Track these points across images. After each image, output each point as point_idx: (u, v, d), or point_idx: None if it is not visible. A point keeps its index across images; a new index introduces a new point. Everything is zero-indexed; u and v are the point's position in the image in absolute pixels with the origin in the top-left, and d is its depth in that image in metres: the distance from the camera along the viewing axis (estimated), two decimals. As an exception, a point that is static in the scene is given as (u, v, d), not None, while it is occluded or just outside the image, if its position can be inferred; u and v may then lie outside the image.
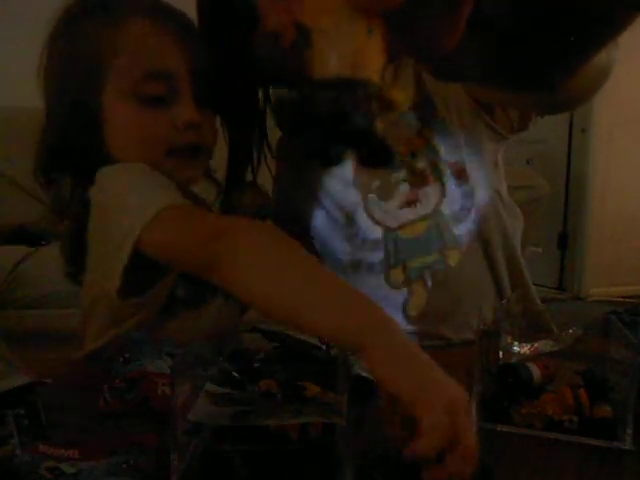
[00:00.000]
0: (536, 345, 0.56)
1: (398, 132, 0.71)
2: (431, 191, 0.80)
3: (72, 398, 0.56)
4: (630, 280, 3.01)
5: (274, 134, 0.86)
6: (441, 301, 0.80)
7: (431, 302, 0.80)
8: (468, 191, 0.80)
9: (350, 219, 0.84)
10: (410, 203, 0.81)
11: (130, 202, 0.62)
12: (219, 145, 0.79)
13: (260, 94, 0.79)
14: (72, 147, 0.69)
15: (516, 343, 0.56)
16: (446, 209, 0.80)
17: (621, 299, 2.88)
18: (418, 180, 0.80)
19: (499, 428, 0.49)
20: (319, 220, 0.88)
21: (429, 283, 0.80)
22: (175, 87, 0.67)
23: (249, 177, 0.84)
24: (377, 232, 0.82)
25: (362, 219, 0.83)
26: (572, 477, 0.42)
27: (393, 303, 0.81)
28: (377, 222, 0.82)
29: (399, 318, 0.81)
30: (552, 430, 0.48)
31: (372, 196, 0.82)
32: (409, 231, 0.81)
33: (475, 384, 0.52)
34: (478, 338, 0.54)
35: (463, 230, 0.80)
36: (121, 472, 0.39)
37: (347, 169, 0.83)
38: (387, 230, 0.82)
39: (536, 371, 0.51)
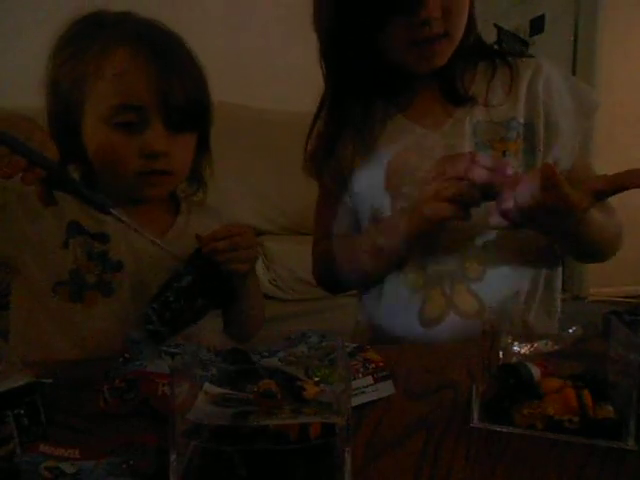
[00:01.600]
0: (536, 345, 0.56)
1: (497, 130, 0.81)
2: None
3: (72, 398, 0.56)
4: (630, 280, 3.01)
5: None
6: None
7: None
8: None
9: (376, 216, 0.87)
10: None
11: None
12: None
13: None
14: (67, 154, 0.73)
15: (516, 343, 0.56)
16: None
17: (621, 299, 2.88)
18: None
19: (500, 429, 0.49)
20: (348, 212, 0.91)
21: (447, 291, 0.81)
22: (146, 117, 0.71)
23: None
24: None
25: None
26: (573, 477, 0.42)
27: (411, 305, 0.83)
28: None
29: (414, 321, 0.83)
30: (553, 430, 0.47)
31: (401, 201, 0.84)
32: None
33: (476, 384, 0.52)
34: (479, 338, 0.54)
35: (482, 241, 0.81)
36: (121, 472, 0.39)
37: (379, 173, 0.85)
38: None
39: (536, 371, 0.51)
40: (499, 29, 3.20)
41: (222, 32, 2.41)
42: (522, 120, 0.82)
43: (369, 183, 0.87)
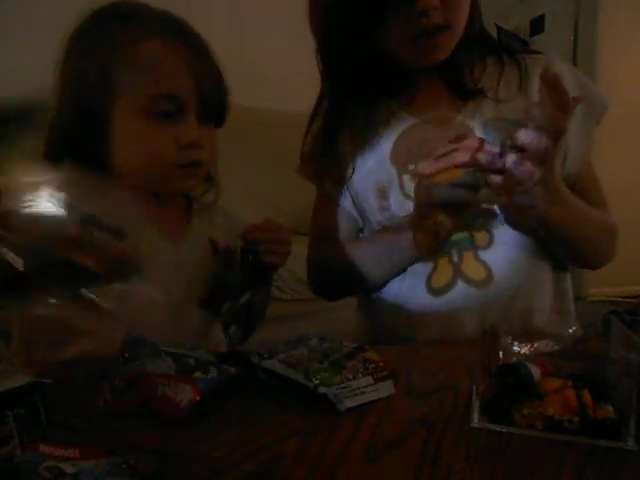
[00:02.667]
0: (536, 345, 0.56)
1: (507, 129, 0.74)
2: None
3: (72, 398, 0.56)
4: (630, 280, 3.01)
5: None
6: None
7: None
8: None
9: (383, 193, 0.86)
10: None
11: None
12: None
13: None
14: (77, 150, 0.71)
15: (516, 343, 0.56)
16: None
17: (621, 299, 2.88)
18: None
19: (500, 429, 0.49)
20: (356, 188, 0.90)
21: (455, 259, 0.82)
22: (182, 107, 0.71)
23: None
24: (408, 208, 0.82)
25: (395, 195, 0.85)
26: (573, 477, 0.42)
27: (418, 275, 0.83)
28: (410, 199, 0.83)
29: (422, 290, 0.83)
30: (553, 430, 0.47)
31: (406, 177, 0.84)
32: None
33: (476, 384, 0.52)
34: (479, 338, 0.54)
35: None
36: (121, 472, 0.39)
37: (385, 147, 0.85)
38: None
39: (536, 371, 0.51)
40: (499, 29, 3.20)
41: (224, 32, 2.41)
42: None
43: (375, 162, 0.85)
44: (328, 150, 0.88)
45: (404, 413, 0.53)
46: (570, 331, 0.56)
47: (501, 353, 0.55)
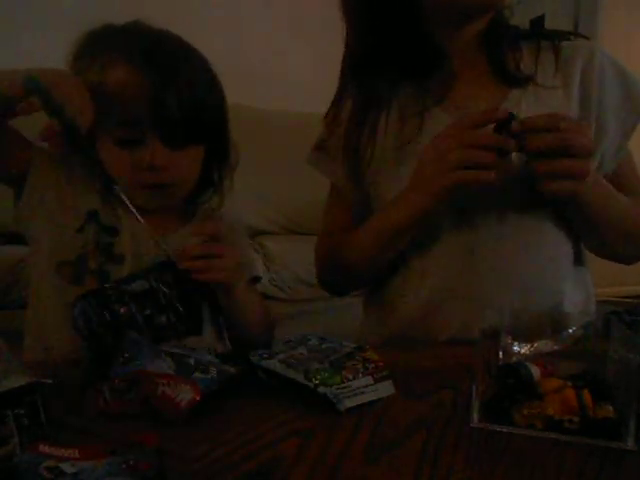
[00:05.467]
0: (536, 345, 0.56)
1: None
2: None
3: (72, 398, 0.56)
4: (630, 280, 3.01)
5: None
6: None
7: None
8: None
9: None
10: None
11: None
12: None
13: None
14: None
15: (516, 343, 0.56)
16: None
17: (621, 299, 2.88)
18: None
19: (500, 429, 0.49)
20: None
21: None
22: (143, 132, 0.73)
23: None
24: None
25: None
26: (573, 477, 0.42)
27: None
28: None
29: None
30: (553, 430, 0.48)
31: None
32: None
33: (476, 384, 0.52)
34: (479, 338, 0.54)
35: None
36: (121, 472, 0.39)
37: (415, 143, 0.80)
38: None
39: (536, 371, 0.51)
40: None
41: (224, 33, 2.41)
42: (575, 116, 0.77)
43: (400, 156, 0.80)
44: (350, 144, 0.83)
45: (404, 413, 0.53)
46: (570, 331, 0.56)
47: (501, 353, 0.55)
